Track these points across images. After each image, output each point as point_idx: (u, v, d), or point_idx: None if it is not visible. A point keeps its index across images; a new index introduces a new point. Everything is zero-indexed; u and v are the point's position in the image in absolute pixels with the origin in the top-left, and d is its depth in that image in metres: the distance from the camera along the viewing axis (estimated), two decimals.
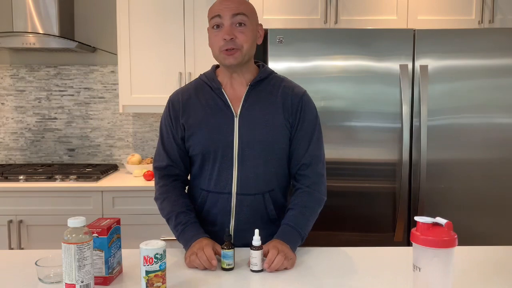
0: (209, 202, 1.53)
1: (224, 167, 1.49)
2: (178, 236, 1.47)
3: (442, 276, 1.05)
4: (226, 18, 1.43)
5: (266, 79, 1.53)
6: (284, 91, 1.52)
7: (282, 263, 1.30)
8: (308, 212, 1.49)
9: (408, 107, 2.35)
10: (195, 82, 1.58)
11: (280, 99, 1.50)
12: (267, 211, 1.52)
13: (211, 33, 1.47)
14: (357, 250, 1.48)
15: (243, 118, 1.48)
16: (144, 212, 2.50)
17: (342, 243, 2.37)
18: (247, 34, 1.45)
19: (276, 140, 1.49)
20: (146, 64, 2.77)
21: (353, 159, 2.40)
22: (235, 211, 1.51)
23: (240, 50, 1.44)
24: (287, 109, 1.50)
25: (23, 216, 2.52)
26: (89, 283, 1.11)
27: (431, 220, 1.06)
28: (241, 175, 1.48)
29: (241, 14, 1.43)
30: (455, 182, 2.40)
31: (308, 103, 1.54)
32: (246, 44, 1.45)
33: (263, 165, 1.49)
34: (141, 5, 2.74)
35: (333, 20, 2.54)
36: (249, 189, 1.49)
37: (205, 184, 1.53)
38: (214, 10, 1.46)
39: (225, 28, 1.43)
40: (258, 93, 1.51)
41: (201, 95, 1.53)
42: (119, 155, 3.17)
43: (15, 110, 3.11)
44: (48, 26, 2.78)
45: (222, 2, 1.45)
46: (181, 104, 1.53)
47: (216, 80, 1.52)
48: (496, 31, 2.37)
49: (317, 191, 1.53)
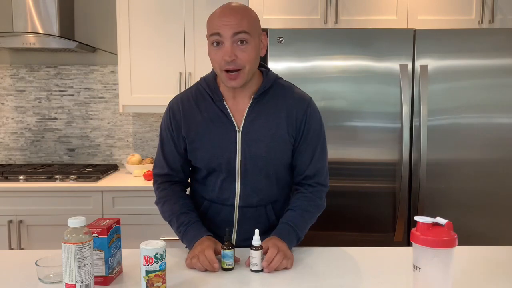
0: (212, 212, 1.53)
1: (227, 180, 1.48)
2: (181, 238, 1.46)
3: (442, 276, 1.05)
4: (226, 37, 1.33)
5: (270, 89, 1.47)
6: (289, 102, 1.46)
7: (281, 262, 1.30)
8: (307, 216, 1.49)
9: (408, 107, 2.35)
10: (196, 88, 1.51)
11: (284, 113, 1.45)
12: (269, 221, 1.53)
13: (211, 49, 1.38)
14: (357, 250, 1.48)
15: (246, 133, 1.44)
16: (144, 212, 2.50)
17: (342, 243, 2.36)
18: (250, 53, 1.36)
19: (279, 156, 1.47)
20: (146, 64, 2.77)
21: (353, 159, 2.40)
22: (237, 223, 1.51)
23: (242, 71, 1.36)
24: (291, 123, 1.45)
25: (23, 216, 2.52)
26: (89, 283, 1.11)
27: (431, 220, 1.06)
28: (243, 189, 1.48)
29: (242, 32, 1.33)
30: (455, 182, 2.40)
31: (313, 115, 1.48)
32: (249, 64, 1.36)
33: (266, 179, 1.49)
34: (141, 5, 2.73)
35: (333, 20, 2.54)
36: (252, 202, 1.49)
37: (208, 194, 1.53)
38: (214, 26, 1.35)
39: (226, 49, 1.33)
40: (261, 106, 1.45)
41: (202, 106, 1.47)
42: (119, 155, 3.17)
43: (15, 110, 3.11)
44: (48, 26, 2.78)
45: (221, 17, 1.34)
46: (182, 114, 1.47)
47: (217, 92, 1.46)
48: (496, 31, 2.37)
49: (318, 198, 1.52)
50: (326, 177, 1.54)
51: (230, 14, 1.34)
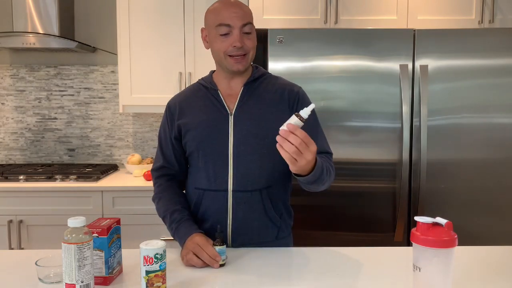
0: (206, 201, 1.53)
1: (219, 164, 1.50)
2: (173, 235, 1.49)
3: (442, 276, 1.05)
4: (236, 27, 1.45)
5: (260, 78, 1.57)
6: (280, 86, 1.56)
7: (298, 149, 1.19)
8: (326, 172, 1.42)
9: (408, 107, 2.35)
10: (192, 86, 1.62)
11: (275, 94, 1.54)
12: (265, 209, 1.52)
13: (217, 39, 1.48)
14: (357, 250, 1.48)
15: (238, 115, 1.51)
16: (144, 212, 2.50)
17: (342, 243, 2.37)
18: (253, 41, 1.51)
19: (271, 133, 1.45)
20: (146, 64, 2.77)
21: (353, 159, 2.40)
22: (232, 210, 1.50)
23: (247, 56, 1.49)
24: (283, 102, 1.53)
25: (23, 216, 2.52)
26: (89, 283, 1.11)
27: (431, 220, 1.06)
28: (236, 172, 1.49)
29: (249, 23, 1.47)
30: (455, 182, 2.40)
31: (304, 96, 1.57)
32: (253, 50, 1.51)
33: (259, 160, 1.49)
34: (141, 5, 2.74)
35: (333, 20, 2.54)
36: (246, 185, 1.49)
37: (201, 183, 1.54)
38: (222, 18, 1.46)
39: (235, 37, 1.45)
40: (253, 90, 1.54)
41: (197, 97, 1.57)
42: (119, 155, 3.17)
43: (15, 110, 3.11)
44: (48, 26, 2.78)
45: (228, 8, 1.46)
46: (177, 106, 1.57)
47: (212, 83, 1.57)
48: (496, 31, 2.37)
49: (330, 160, 1.52)
50: (329, 147, 1.59)
51: (236, 6, 1.47)
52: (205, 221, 1.53)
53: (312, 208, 2.41)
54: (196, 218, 1.54)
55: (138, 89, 2.78)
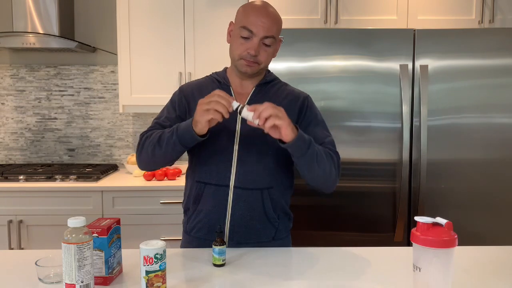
0: (206, 195, 1.52)
1: (223, 159, 1.50)
2: (176, 137, 1.42)
3: (442, 276, 1.05)
4: (257, 36, 1.47)
5: (272, 82, 1.61)
6: (289, 93, 1.60)
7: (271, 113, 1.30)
8: (323, 152, 1.45)
9: (408, 107, 2.35)
10: (206, 78, 1.64)
11: (285, 100, 1.56)
12: (264, 209, 1.52)
13: (237, 39, 1.49)
14: (357, 250, 1.48)
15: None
16: (144, 212, 2.50)
17: (342, 243, 2.37)
18: (269, 54, 1.53)
19: None
20: (146, 64, 2.77)
21: (353, 159, 2.40)
22: (231, 206, 1.50)
23: (258, 65, 1.51)
24: (292, 108, 1.54)
25: (23, 216, 2.52)
26: (89, 283, 1.11)
27: (431, 220, 1.06)
28: (240, 168, 1.50)
29: (270, 37, 1.48)
30: (455, 182, 2.40)
31: (313, 104, 1.61)
32: (265, 63, 1.53)
33: (263, 160, 1.50)
34: (141, 5, 2.74)
35: (333, 20, 2.54)
36: (247, 183, 1.50)
37: (203, 176, 1.53)
38: (248, 22, 1.46)
39: (253, 45, 1.47)
40: (264, 93, 1.57)
41: (210, 89, 1.52)
42: (119, 155, 3.17)
43: (15, 110, 3.11)
44: (48, 26, 2.78)
45: (258, 15, 1.47)
46: (191, 91, 1.58)
47: (226, 78, 1.59)
48: (496, 31, 2.37)
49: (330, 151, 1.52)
50: (329, 132, 1.62)
51: (267, 16, 1.48)
52: (204, 215, 1.53)
53: (312, 208, 2.41)
54: (195, 211, 1.54)
55: (138, 89, 2.78)
